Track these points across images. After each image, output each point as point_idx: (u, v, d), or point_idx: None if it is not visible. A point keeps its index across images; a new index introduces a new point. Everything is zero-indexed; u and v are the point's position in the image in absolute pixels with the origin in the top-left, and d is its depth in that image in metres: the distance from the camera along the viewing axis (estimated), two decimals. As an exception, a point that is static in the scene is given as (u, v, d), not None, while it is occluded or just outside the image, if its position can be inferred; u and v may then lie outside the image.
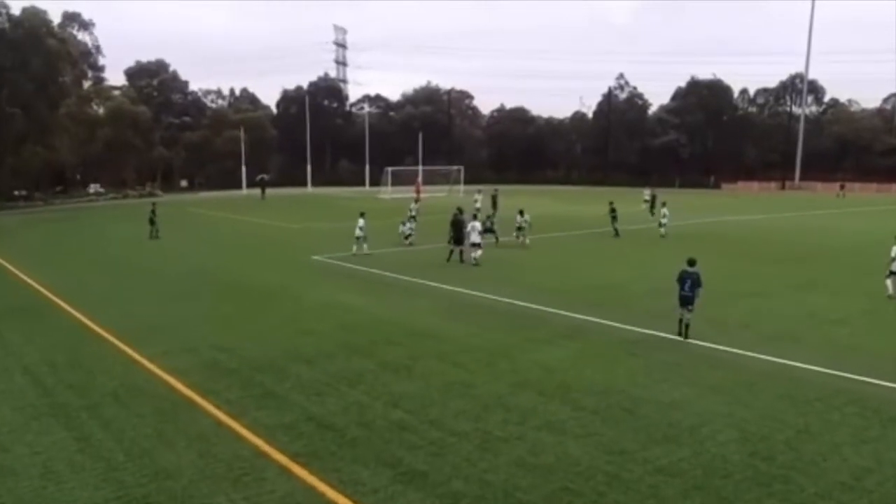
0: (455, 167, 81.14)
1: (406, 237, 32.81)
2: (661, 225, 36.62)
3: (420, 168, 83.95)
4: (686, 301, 15.64)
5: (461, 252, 27.81)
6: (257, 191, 76.08)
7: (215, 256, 29.78)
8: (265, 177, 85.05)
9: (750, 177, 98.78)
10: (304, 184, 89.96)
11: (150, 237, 35.78)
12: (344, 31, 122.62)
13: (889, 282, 20.62)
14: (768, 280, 23.05)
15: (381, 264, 26.52)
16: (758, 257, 28.53)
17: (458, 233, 28.14)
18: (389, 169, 73.44)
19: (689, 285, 15.63)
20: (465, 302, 19.88)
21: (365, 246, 29.30)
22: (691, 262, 16.10)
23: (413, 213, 36.96)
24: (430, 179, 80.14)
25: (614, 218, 36.66)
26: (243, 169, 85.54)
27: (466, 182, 79.89)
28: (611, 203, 37.54)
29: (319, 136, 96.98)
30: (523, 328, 16.62)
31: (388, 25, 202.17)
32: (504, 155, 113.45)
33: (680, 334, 15.75)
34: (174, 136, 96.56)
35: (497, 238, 32.44)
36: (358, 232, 29.22)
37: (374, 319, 17.55)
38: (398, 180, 74.74)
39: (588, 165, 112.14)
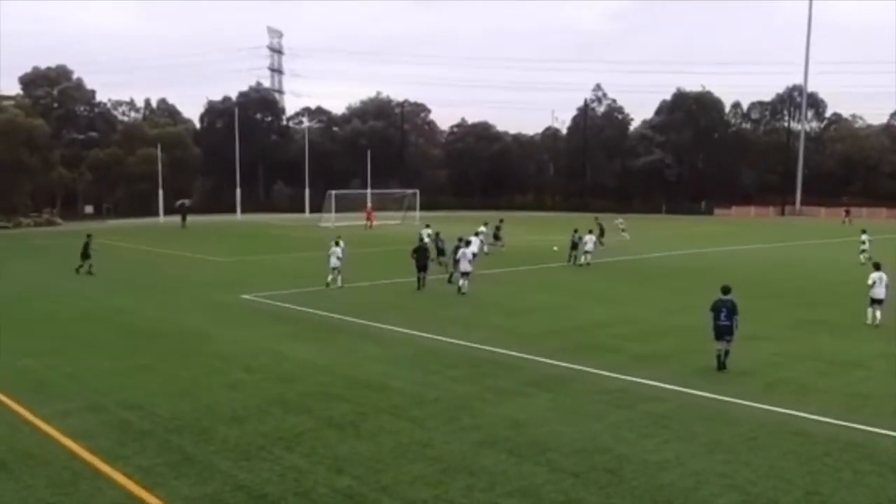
0: (410, 191, 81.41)
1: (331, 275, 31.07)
2: (585, 252, 38.95)
3: (369, 192, 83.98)
4: (724, 332, 16.93)
5: (424, 279, 30.29)
6: (177, 218, 75.25)
7: (126, 296, 29.25)
8: (187, 202, 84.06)
9: (746, 201, 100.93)
10: (233, 210, 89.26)
11: (86, 272, 35.15)
12: (279, 35, 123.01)
13: (870, 310, 22.73)
14: (768, 319, 23.45)
15: (323, 304, 26.34)
16: (756, 293, 28.96)
17: (421, 260, 30.40)
18: (333, 193, 73.34)
19: (725, 314, 16.89)
20: (422, 347, 19.81)
21: (339, 278, 30.26)
22: (726, 290, 17.48)
23: (424, 240, 38.56)
24: (381, 205, 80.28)
25: (574, 246, 39.39)
26: (160, 193, 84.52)
27: (423, 208, 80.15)
28: (575, 230, 40.14)
29: (251, 154, 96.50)
30: (489, 377, 16.59)
31: (331, 28, 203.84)
32: (466, 177, 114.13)
33: (719, 369, 16.92)
34: (78, 155, 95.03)
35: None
36: (335, 261, 30.20)
37: (315, 369, 17.37)
38: (343, 206, 74.54)
39: (562, 189, 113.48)
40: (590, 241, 39.22)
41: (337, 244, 30.90)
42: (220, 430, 13.06)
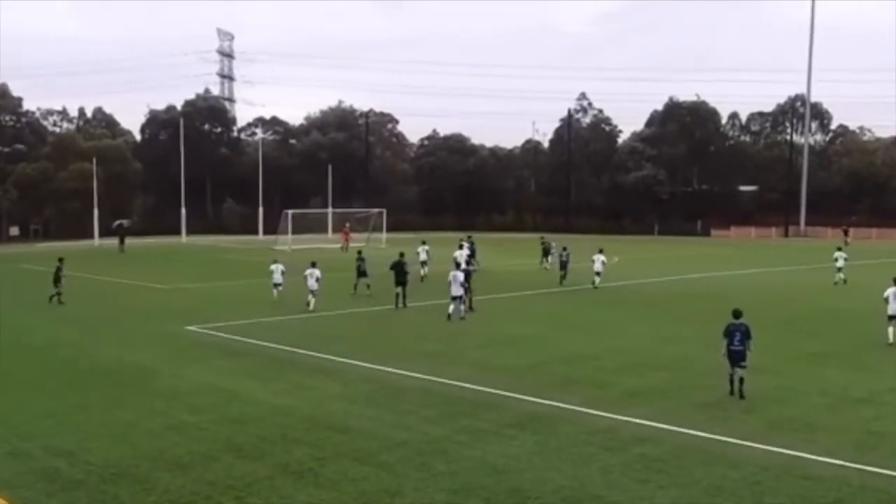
0: (375, 210, 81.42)
1: (309, 301, 32.48)
2: (595, 274, 40.73)
3: (330, 211, 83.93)
4: (738, 357, 17.96)
5: (403, 295, 32.73)
6: (115, 241, 74.69)
7: (56, 327, 28.93)
8: (125, 223, 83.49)
9: (746, 221, 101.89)
10: (178, 232, 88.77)
11: (51, 301, 34.91)
12: (230, 37, 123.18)
13: (890, 329, 23.61)
14: (770, 350, 23.53)
15: (278, 336, 26.21)
16: (756, 322, 28.92)
17: (400, 276, 32.73)
18: (289, 212, 73.20)
19: (738, 339, 18.00)
20: (390, 384, 19.72)
21: (313, 301, 31.86)
22: (737, 314, 18.60)
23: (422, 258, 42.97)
24: (343, 226, 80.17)
25: (563, 265, 42.24)
26: (95, 212, 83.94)
27: (390, 229, 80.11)
28: (564, 248, 43.48)
29: (198, 169, 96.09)
30: (465, 417, 16.54)
31: (288, 30, 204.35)
32: (438, 194, 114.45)
33: (732, 394, 17.87)
34: (2, 170, 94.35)
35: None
36: (313, 284, 31.89)
37: (269, 409, 17.24)
38: (301, 227, 74.30)
39: (545, 207, 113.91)
40: (598, 260, 40.50)
41: (314, 265, 32.54)
42: (162, 479, 12.88)
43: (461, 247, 43.07)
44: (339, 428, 15.77)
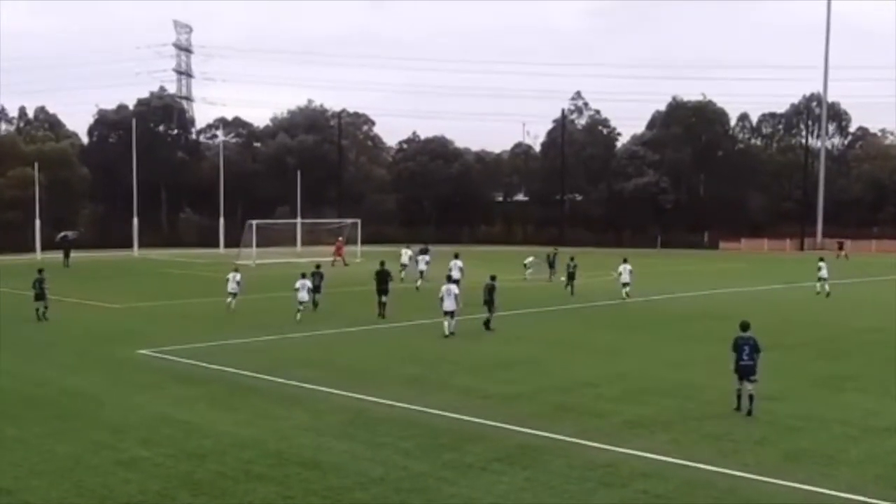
0: (349, 220, 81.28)
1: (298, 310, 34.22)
2: (623, 285, 42.67)
3: (299, 221, 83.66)
4: (747, 371, 18.94)
5: (384, 305, 34.88)
6: (59, 255, 74.28)
7: (-8, 352, 28.70)
8: (70, 235, 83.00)
9: (757, 233, 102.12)
10: (129, 244, 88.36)
11: (39, 319, 35.49)
12: (188, 30, 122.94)
13: None
14: (785, 374, 23.66)
15: (241, 361, 26.10)
16: (769, 343, 28.96)
17: (382, 284, 34.88)
18: (254, 223, 73.02)
19: (747, 352, 18.96)
20: (365, 414, 19.66)
21: (299, 314, 33.83)
22: (745, 326, 19.56)
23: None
24: (315, 237, 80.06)
25: (571, 276, 45.08)
26: (37, 223, 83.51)
27: (367, 241, 79.96)
28: (571, 258, 45.78)
29: (152, 175, 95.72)
30: (448, 450, 16.51)
31: (252, 22, 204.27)
32: (418, 203, 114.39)
33: (738, 409, 18.92)
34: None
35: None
36: (304, 295, 34.08)
37: (230, 442, 17.15)
38: (267, 240, 74.08)
39: (536, 218, 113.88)
40: (626, 270, 42.07)
41: (304, 276, 34.92)
42: (110, 521, 12.78)
43: (457, 256, 45.88)
44: (308, 463, 15.70)
